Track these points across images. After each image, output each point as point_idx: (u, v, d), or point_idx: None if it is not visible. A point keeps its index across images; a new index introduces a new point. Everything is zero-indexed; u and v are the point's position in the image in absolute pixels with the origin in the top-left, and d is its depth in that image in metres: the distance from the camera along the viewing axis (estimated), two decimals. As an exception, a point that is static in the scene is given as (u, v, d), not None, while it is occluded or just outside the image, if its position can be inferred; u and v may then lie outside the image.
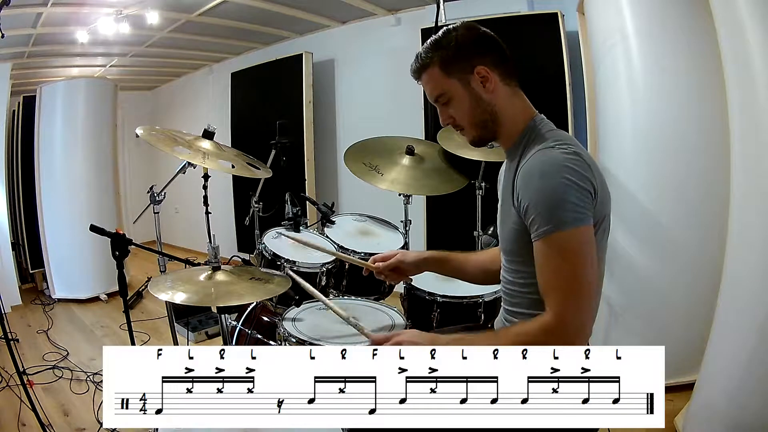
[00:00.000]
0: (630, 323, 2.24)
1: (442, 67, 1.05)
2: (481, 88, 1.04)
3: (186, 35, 4.04)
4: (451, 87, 1.05)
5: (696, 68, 2.03)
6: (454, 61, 1.04)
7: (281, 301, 1.80)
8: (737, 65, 1.55)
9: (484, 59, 1.04)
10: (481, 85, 1.04)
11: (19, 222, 4.19)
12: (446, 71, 1.05)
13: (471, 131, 1.10)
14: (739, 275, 1.60)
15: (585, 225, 0.93)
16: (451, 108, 1.08)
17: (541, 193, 0.94)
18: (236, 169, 1.95)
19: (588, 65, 2.63)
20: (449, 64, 1.04)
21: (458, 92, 1.05)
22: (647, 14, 2.12)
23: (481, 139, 1.11)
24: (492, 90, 1.05)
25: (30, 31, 3.38)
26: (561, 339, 0.90)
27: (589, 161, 0.97)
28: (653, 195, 2.15)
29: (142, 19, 3.38)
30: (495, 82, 1.04)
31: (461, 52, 1.04)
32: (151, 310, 3.74)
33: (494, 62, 1.05)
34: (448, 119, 1.10)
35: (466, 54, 1.04)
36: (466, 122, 1.09)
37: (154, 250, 1.76)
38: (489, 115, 1.06)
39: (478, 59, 1.03)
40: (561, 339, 0.90)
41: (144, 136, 1.75)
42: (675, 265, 2.14)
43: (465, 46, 1.04)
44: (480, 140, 1.11)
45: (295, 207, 2.09)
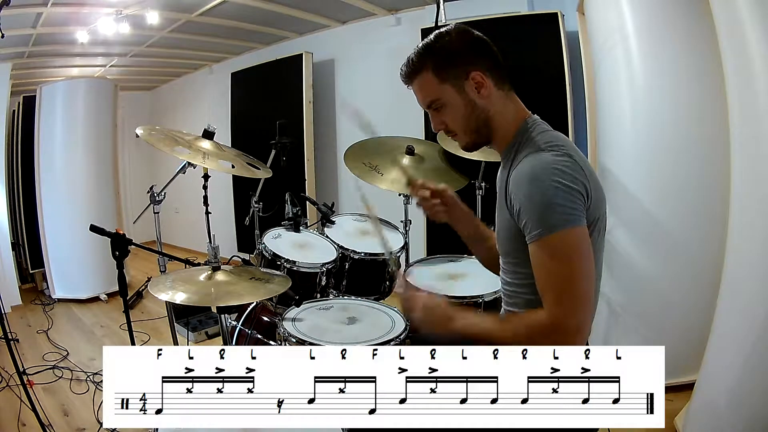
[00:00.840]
0: (630, 323, 2.24)
1: (436, 73, 1.02)
2: (476, 93, 1.03)
3: (186, 35, 4.04)
4: (444, 93, 1.03)
5: (696, 68, 2.03)
6: (448, 67, 1.02)
7: (281, 301, 1.80)
8: (737, 65, 1.55)
9: (478, 64, 1.02)
10: (475, 90, 1.03)
11: (19, 222, 4.19)
12: (440, 77, 1.03)
13: (464, 137, 1.09)
14: (739, 275, 1.60)
15: (577, 226, 0.93)
16: (444, 114, 1.07)
17: (531, 197, 0.94)
18: (236, 169, 1.95)
19: (588, 65, 2.63)
20: (443, 70, 1.02)
21: (452, 98, 1.04)
22: (647, 14, 2.12)
23: (474, 144, 1.10)
24: (486, 95, 1.03)
25: (30, 31, 3.38)
26: (556, 339, 0.90)
27: (581, 163, 0.97)
28: (653, 195, 2.15)
29: (142, 19, 3.38)
30: (489, 87, 1.03)
31: (455, 56, 1.02)
32: (151, 310, 3.74)
33: (488, 67, 1.03)
34: (441, 125, 1.09)
35: (460, 59, 1.02)
36: (459, 128, 1.07)
37: (154, 250, 1.76)
38: (483, 121, 1.06)
39: (472, 64, 1.02)
40: (556, 339, 0.90)
41: (144, 136, 1.75)
42: (675, 265, 2.14)
43: (459, 50, 1.02)
44: (473, 146, 1.10)
45: (295, 207, 2.10)
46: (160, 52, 4.61)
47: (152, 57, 4.75)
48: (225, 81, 4.80)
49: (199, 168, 1.96)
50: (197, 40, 4.23)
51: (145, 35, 3.89)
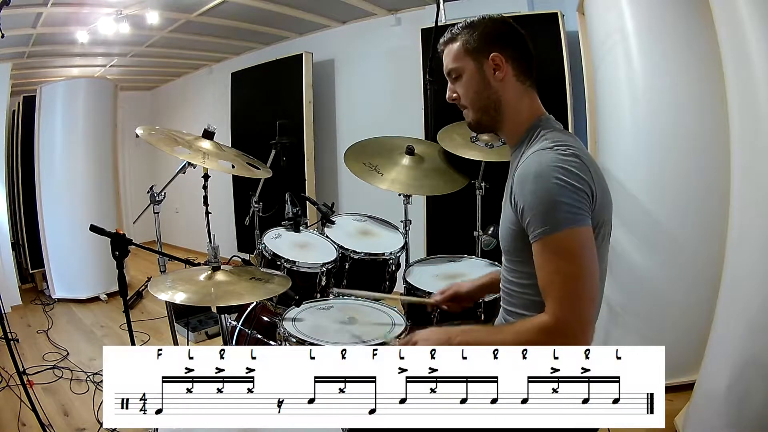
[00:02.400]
0: (630, 323, 2.24)
1: (464, 45, 1.08)
2: (492, 74, 1.07)
3: (186, 35, 4.04)
4: (464, 64, 1.09)
5: (696, 68, 2.03)
6: (476, 43, 1.08)
7: (281, 301, 1.80)
8: (737, 65, 1.55)
9: (503, 50, 1.07)
10: (492, 71, 1.07)
11: (19, 222, 4.19)
12: (465, 50, 1.08)
13: (472, 113, 1.12)
14: (739, 275, 1.60)
15: (581, 225, 0.92)
16: (459, 85, 1.11)
17: (536, 194, 0.94)
18: (236, 169, 1.95)
19: (588, 65, 2.63)
20: (470, 44, 1.08)
21: (469, 71, 1.09)
22: (647, 14, 2.12)
23: (479, 123, 1.13)
24: (501, 79, 1.07)
25: (30, 31, 3.38)
26: (558, 340, 0.89)
27: (589, 164, 0.97)
28: (653, 195, 2.15)
29: (142, 19, 3.38)
30: (507, 73, 1.07)
31: (485, 37, 1.07)
32: (151, 310, 3.74)
33: (512, 56, 1.07)
34: (453, 94, 1.13)
35: (488, 40, 1.07)
36: (469, 102, 1.11)
37: (154, 250, 1.76)
38: (493, 102, 1.09)
39: (497, 48, 1.06)
40: (558, 340, 0.89)
41: (144, 136, 1.75)
42: (675, 265, 2.14)
43: (491, 33, 1.08)
44: (478, 124, 1.13)
45: (295, 207, 2.09)
46: (160, 52, 4.61)
47: (152, 57, 4.75)
48: (225, 81, 4.80)
49: (199, 168, 1.95)
50: (197, 40, 4.23)
51: (145, 35, 3.90)
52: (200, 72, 5.58)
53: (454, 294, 1.42)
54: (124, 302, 1.52)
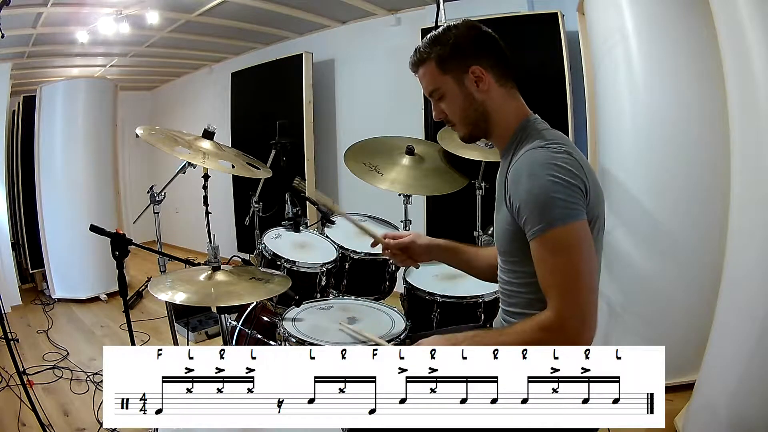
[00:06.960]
0: (630, 323, 2.24)
1: (438, 64, 1.06)
2: (475, 87, 1.06)
3: (186, 35, 4.04)
4: (445, 83, 1.07)
5: (696, 68, 2.03)
6: (450, 59, 1.05)
7: (281, 301, 1.80)
8: (737, 65, 1.55)
9: (480, 59, 1.05)
10: (474, 84, 1.05)
11: (19, 222, 4.19)
12: (442, 68, 1.06)
13: (462, 128, 1.12)
14: (739, 275, 1.60)
15: (577, 221, 0.93)
16: (444, 104, 1.10)
17: (530, 192, 0.94)
18: (236, 169, 1.95)
19: (588, 65, 2.63)
20: (445, 62, 1.06)
21: (451, 89, 1.07)
22: (647, 14, 2.12)
23: (471, 136, 1.13)
24: (485, 90, 1.06)
25: (30, 31, 3.38)
26: (562, 336, 0.89)
27: (580, 160, 0.97)
28: (653, 195, 2.15)
29: (142, 19, 3.38)
30: (489, 82, 1.05)
31: (458, 50, 1.05)
32: (151, 310, 3.74)
33: (490, 63, 1.06)
34: (441, 114, 1.13)
35: (462, 53, 1.05)
36: (457, 119, 1.11)
37: (154, 250, 1.76)
38: (480, 114, 1.08)
39: (473, 59, 1.05)
40: (562, 336, 0.89)
41: (144, 136, 1.75)
42: (675, 265, 2.14)
43: (462, 45, 1.05)
44: (470, 137, 1.13)
45: (295, 207, 2.10)
46: (160, 52, 4.61)
47: (152, 57, 4.75)
48: (225, 81, 4.80)
49: (199, 168, 1.96)
50: (197, 40, 4.23)
51: (145, 35, 3.90)
52: (200, 72, 5.58)
53: (411, 242, 1.32)
54: (124, 302, 1.52)
